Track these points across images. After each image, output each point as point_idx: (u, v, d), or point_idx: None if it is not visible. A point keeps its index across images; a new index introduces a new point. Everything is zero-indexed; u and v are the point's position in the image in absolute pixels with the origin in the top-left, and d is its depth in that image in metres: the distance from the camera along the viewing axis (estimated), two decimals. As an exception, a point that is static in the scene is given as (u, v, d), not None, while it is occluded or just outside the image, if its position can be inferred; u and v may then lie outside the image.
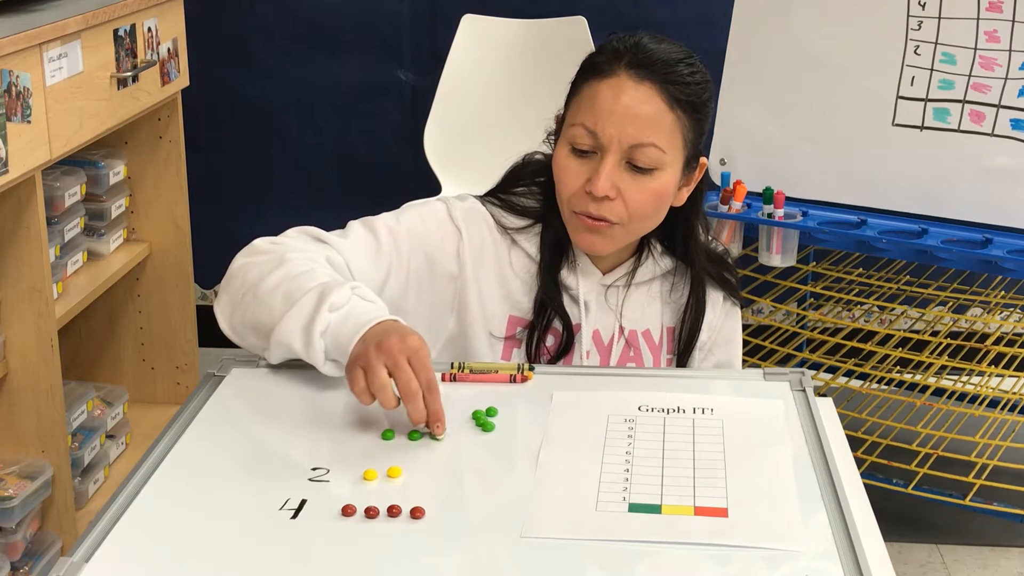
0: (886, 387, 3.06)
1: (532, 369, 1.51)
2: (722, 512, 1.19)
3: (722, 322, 1.74)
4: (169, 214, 2.93)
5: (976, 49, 2.61)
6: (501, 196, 1.69)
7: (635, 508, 1.20)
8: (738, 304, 1.76)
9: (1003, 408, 2.89)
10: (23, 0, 2.27)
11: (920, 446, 2.74)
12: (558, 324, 1.66)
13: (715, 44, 2.87)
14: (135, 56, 2.62)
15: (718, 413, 1.40)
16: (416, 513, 1.18)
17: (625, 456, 1.30)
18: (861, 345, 2.94)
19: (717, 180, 2.85)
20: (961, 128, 2.65)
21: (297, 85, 3.54)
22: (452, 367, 1.50)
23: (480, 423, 1.37)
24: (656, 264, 1.69)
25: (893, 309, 3.26)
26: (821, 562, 1.13)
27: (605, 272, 1.68)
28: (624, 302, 1.68)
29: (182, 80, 2.90)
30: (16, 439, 2.34)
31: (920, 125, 2.69)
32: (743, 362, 1.84)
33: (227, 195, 3.61)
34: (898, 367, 3.02)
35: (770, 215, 2.74)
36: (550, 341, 1.66)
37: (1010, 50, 2.57)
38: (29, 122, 2.16)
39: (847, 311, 3.41)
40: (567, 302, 1.66)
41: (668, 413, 1.40)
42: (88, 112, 2.41)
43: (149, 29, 2.69)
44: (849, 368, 3.04)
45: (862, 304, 3.29)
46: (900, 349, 2.98)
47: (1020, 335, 3.14)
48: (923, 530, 2.86)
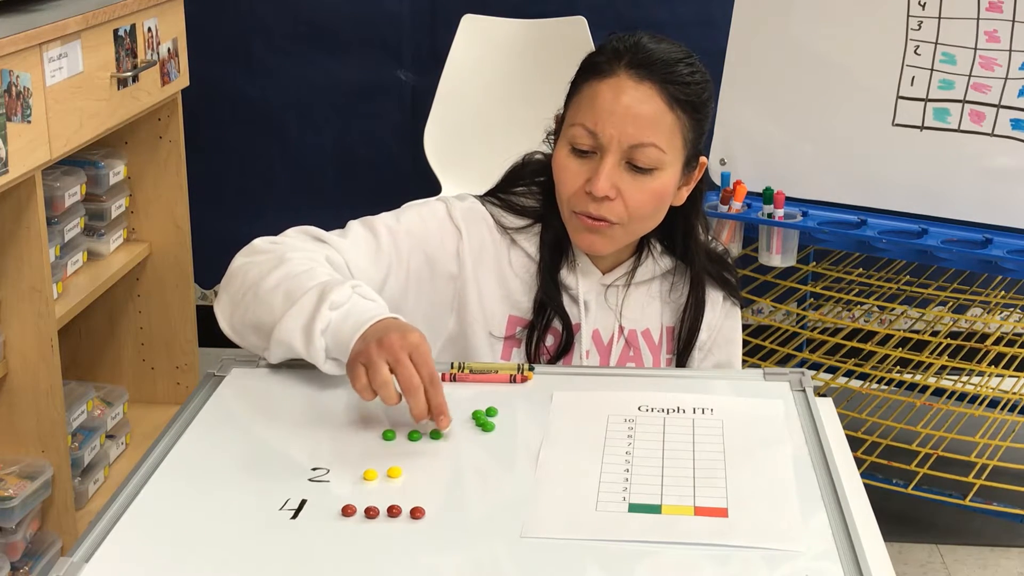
0: (886, 387, 3.06)
1: (532, 369, 1.51)
2: (722, 512, 1.19)
3: (722, 322, 1.74)
4: (169, 214, 2.93)
5: (976, 49, 2.61)
6: (501, 196, 1.69)
7: (635, 508, 1.20)
8: (738, 304, 1.76)
9: (1003, 408, 2.89)
10: (23, 0, 2.27)
11: (920, 446, 2.74)
12: (558, 324, 1.65)
13: (715, 44, 2.87)
14: (135, 56, 2.62)
15: (718, 413, 1.40)
16: (416, 513, 1.18)
17: (625, 456, 1.30)
18: (861, 345, 2.94)
19: (717, 180, 2.85)
20: (961, 128, 2.65)
21: (297, 85, 3.54)
22: (452, 367, 1.50)
23: (480, 423, 1.37)
24: (656, 264, 1.69)
25: (893, 309, 3.26)
26: (821, 562, 1.13)
27: (605, 272, 1.68)
28: (624, 302, 1.68)
29: (182, 80, 2.90)
30: (16, 439, 2.34)
31: (920, 125, 2.69)
32: (743, 362, 1.84)
33: (227, 195, 3.60)
34: (898, 367, 3.02)
35: (770, 215, 2.74)
36: (550, 341, 1.66)
37: (1010, 50, 2.57)
38: (29, 122, 2.16)
39: (847, 311, 3.40)
40: (567, 302, 1.66)
41: (668, 413, 1.40)
42: (88, 112, 2.41)
43: (149, 29, 2.69)
44: (849, 368, 3.04)
45: (862, 304, 3.28)
46: (900, 349, 2.98)
47: (1020, 335, 3.14)
48: (923, 530, 2.86)
